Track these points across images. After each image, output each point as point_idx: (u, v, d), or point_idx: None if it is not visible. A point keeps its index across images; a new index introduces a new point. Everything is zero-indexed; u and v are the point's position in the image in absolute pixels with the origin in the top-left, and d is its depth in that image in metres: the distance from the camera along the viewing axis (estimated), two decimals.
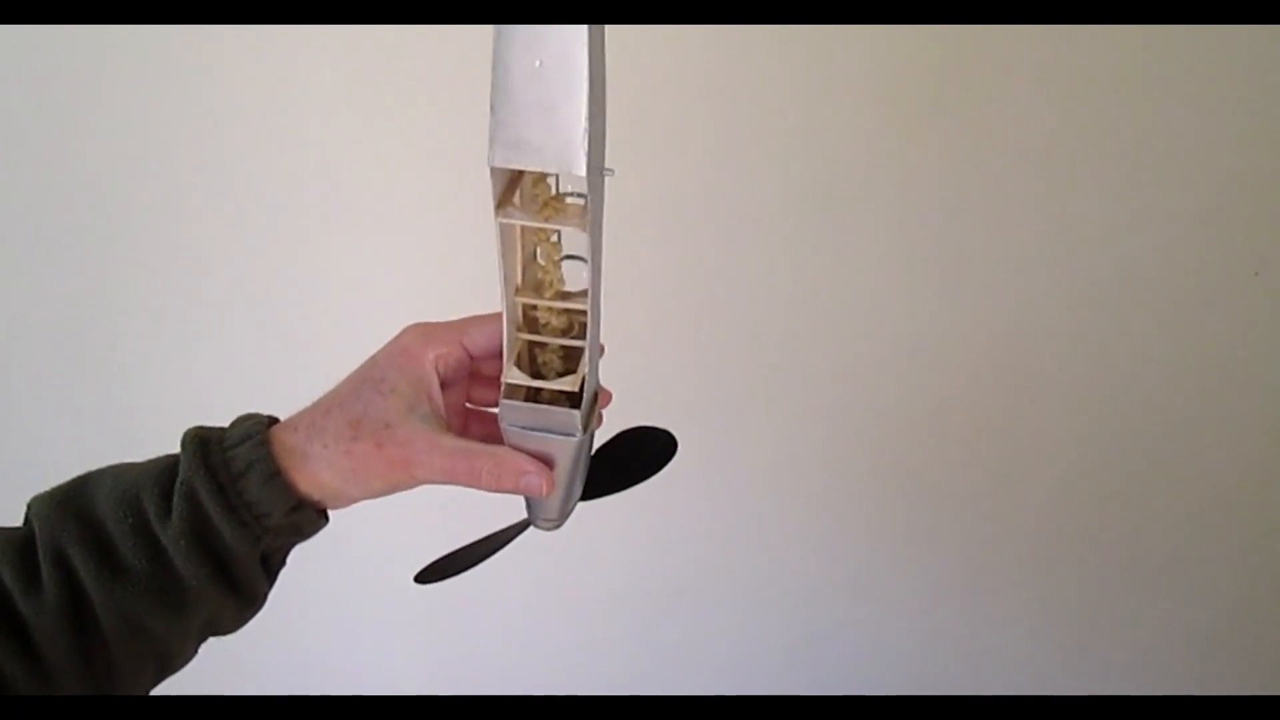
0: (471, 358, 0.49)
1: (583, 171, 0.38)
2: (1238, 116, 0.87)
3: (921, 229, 0.92)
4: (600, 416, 0.52)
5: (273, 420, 0.46)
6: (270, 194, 0.89)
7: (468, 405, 0.52)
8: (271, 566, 0.47)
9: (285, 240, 0.91)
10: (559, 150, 0.38)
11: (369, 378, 0.47)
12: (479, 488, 0.46)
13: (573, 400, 0.47)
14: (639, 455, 0.55)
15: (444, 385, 0.48)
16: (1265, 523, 1.05)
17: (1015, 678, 1.15)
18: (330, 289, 0.92)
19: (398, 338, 0.48)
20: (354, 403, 0.45)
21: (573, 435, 0.47)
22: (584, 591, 1.09)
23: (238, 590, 0.45)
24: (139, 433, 0.98)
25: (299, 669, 1.11)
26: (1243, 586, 1.08)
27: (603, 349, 0.50)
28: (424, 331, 0.48)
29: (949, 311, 0.95)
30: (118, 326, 0.94)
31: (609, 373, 0.52)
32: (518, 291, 0.47)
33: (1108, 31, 0.84)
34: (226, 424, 0.47)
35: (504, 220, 0.42)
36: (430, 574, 0.53)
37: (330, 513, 0.48)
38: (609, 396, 0.53)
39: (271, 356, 0.94)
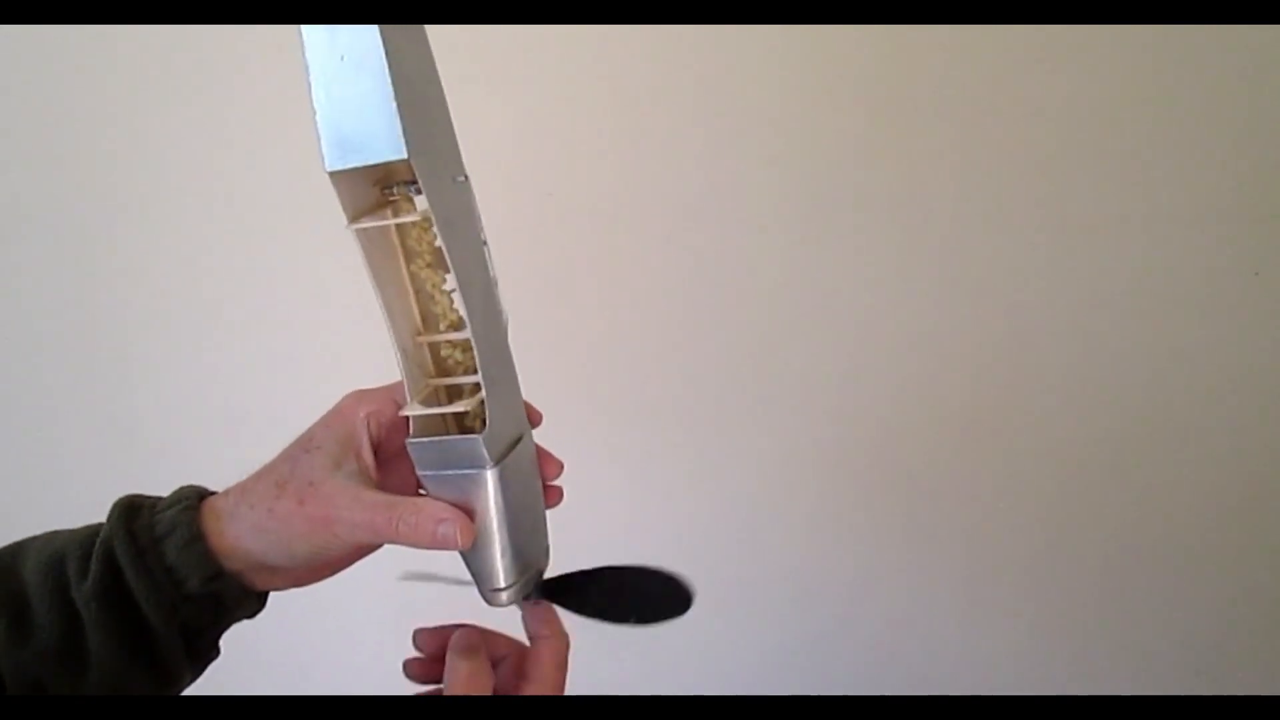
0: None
1: (404, 153, 0.38)
2: (1238, 116, 0.87)
3: (920, 229, 0.92)
4: (560, 490, 0.50)
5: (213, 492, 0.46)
6: (278, 196, 0.89)
7: (421, 492, 0.50)
8: (196, 649, 0.45)
9: (292, 242, 0.91)
10: (377, 137, 0.38)
11: (300, 440, 0.46)
12: (400, 542, 0.44)
13: (478, 428, 0.45)
14: (651, 597, 0.53)
15: (383, 450, 0.47)
16: (1265, 523, 1.05)
17: (1015, 678, 1.14)
18: (339, 290, 0.92)
19: (336, 403, 0.48)
20: (283, 465, 0.45)
21: (482, 467, 0.44)
22: None
23: (151, 665, 0.43)
24: (145, 436, 0.98)
25: (296, 669, 1.11)
26: (1243, 586, 1.08)
27: (539, 417, 0.49)
28: (359, 394, 0.48)
29: (948, 312, 0.95)
30: (124, 329, 0.94)
31: (609, 375, 0.51)
32: (418, 333, 0.46)
33: (1108, 31, 0.84)
34: (232, 426, 0.46)
35: (355, 227, 0.41)
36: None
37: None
38: (559, 465, 0.51)
39: (278, 360, 0.94)
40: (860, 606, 1.11)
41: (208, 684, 0.49)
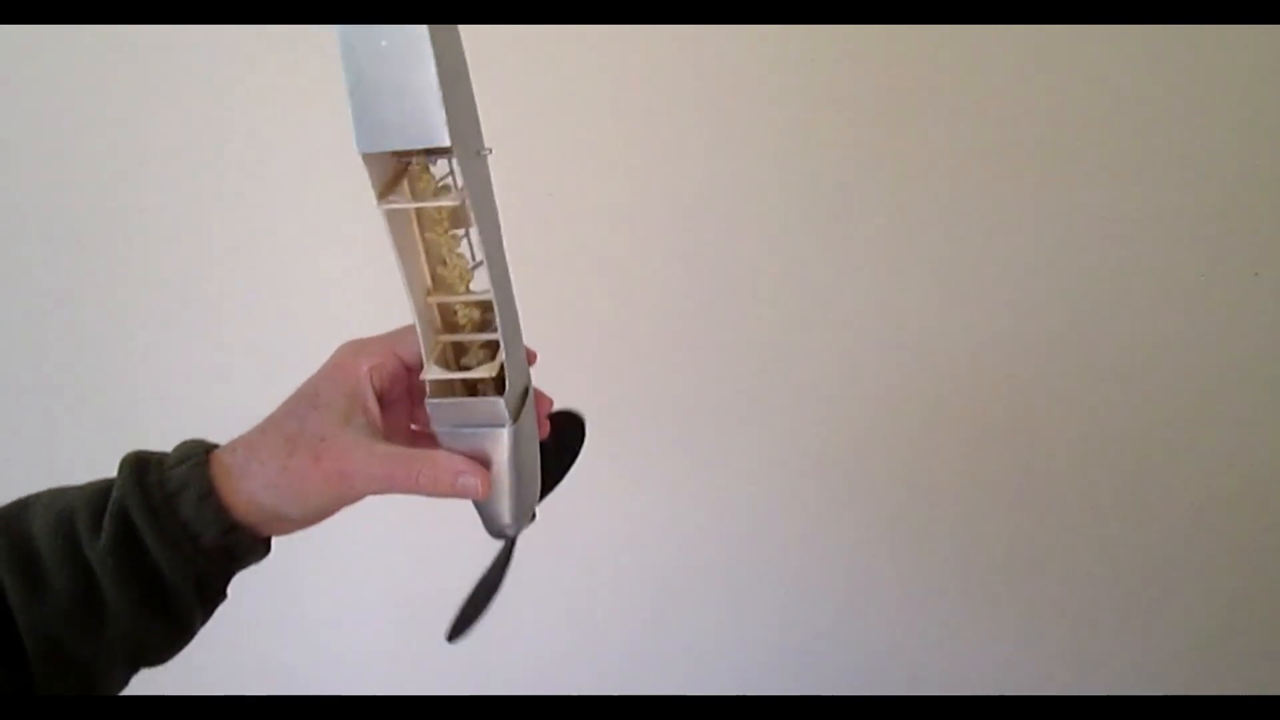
0: (408, 369, 0.49)
1: (446, 141, 0.38)
2: (1238, 116, 0.87)
3: (920, 229, 0.92)
4: (546, 423, 0.52)
5: (216, 446, 0.46)
6: (274, 194, 0.89)
7: (413, 428, 0.51)
8: (207, 596, 0.46)
9: (291, 242, 0.91)
10: (419, 124, 0.38)
11: (303, 395, 0.47)
12: (418, 493, 0.45)
13: (497, 389, 0.47)
14: (560, 442, 0.54)
15: (383, 399, 0.48)
16: (1265, 522, 1.05)
17: (1014, 678, 1.14)
18: (336, 288, 0.92)
19: (331, 356, 0.48)
20: (289, 420, 0.45)
21: (501, 425, 0.46)
22: (583, 592, 1.08)
23: (167, 616, 0.44)
24: (145, 436, 0.98)
25: (294, 670, 1.11)
26: (1243, 586, 1.08)
27: (534, 357, 0.50)
28: (356, 346, 0.48)
29: (947, 312, 0.95)
30: (124, 329, 0.94)
31: (608, 373, 0.52)
32: (429, 293, 0.47)
33: (1107, 31, 0.84)
34: (231, 425, 0.47)
35: (385, 207, 0.42)
36: (459, 630, 0.53)
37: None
38: (549, 402, 0.52)
39: (274, 355, 0.94)
40: (860, 606, 1.11)
41: (207, 684, 0.49)
